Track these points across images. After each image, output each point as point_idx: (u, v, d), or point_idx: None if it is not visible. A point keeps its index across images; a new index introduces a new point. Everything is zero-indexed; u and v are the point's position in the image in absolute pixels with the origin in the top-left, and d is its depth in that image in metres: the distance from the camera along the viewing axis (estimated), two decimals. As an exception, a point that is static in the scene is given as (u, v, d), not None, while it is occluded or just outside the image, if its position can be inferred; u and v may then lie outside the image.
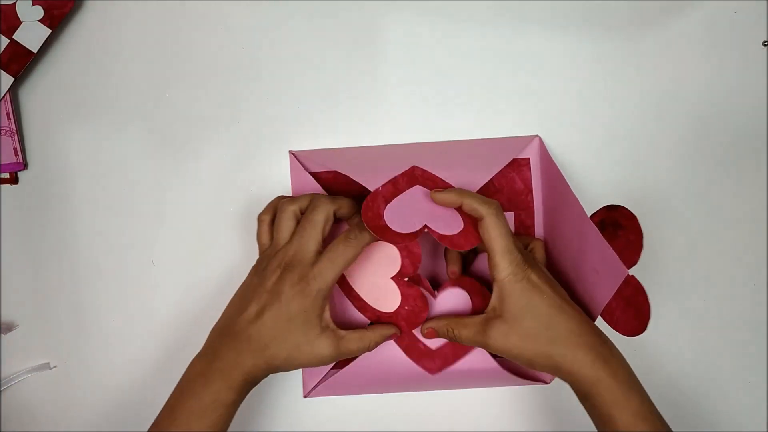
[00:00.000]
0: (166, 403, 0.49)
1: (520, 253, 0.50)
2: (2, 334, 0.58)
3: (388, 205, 0.51)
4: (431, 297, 0.55)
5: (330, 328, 0.50)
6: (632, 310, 0.50)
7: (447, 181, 0.53)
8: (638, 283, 0.49)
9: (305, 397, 0.58)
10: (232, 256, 0.58)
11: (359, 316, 0.54)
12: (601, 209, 0.53)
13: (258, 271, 0.52)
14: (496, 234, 0.49)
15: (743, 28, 0.57)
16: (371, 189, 0.51)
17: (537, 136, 0.58)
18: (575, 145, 0.58)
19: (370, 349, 0.52)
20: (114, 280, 0.59)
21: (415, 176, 0.53)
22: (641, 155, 0.58)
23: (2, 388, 0.58)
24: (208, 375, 0.48)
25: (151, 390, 0.59)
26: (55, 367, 0.59)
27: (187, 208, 0.58)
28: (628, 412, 0.47)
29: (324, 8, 0.58)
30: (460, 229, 0.51)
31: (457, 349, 0.55)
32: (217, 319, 0.52)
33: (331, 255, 0.49)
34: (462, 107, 0.58)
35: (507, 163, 0.56)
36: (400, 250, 0.53)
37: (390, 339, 0.54)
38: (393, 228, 0.50)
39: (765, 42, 0.57)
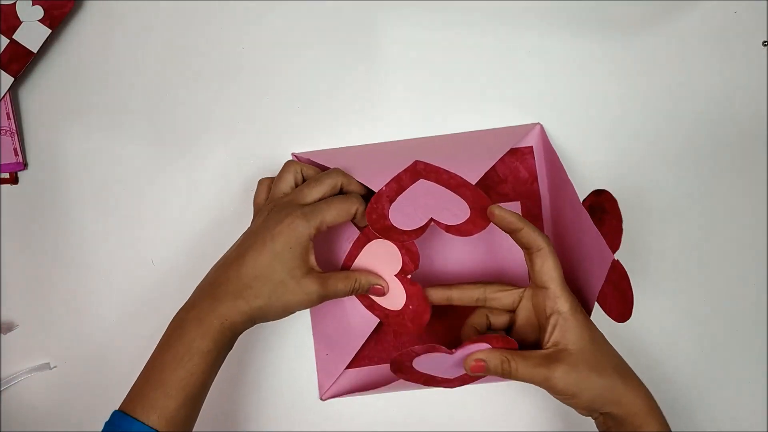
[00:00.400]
0: (144, 365, 0.47)
1: None
2: (2, 334, 0.58)
3: (393, 204, 0.51)
4: (447, 354, 0.49)
5: (315, 270, 0.49)
6: (619, 294, 0.50)
7: (451, 171, 0.52)
8: (622, 268, 0.49)
9: (322, 399, 0.58)
10: (232, 256, 0.58)
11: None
12: (590, 194, 0.52)
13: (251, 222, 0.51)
14: (554, 265, 0.48)
15: (743, 28, 0.57)
16: (374, 188, 0.51)
17: (538, 123, 0.58)
18: (575, 143, 0.58)
19: (356, 290, 0.51)
20: (114, 280, 0.59)
21: (418, 171, 0.52)
22: (640, 153, 0.58)
23: (2, 388, 0.58)
24: (182, 326, 0.46)
25: (151, 390, 0.59)
26: (55, 367, 0.59)
27: (187, 208, 0.58)
28: None
29: (323, 7, 0.58)
30: (467, 217, 0.51)
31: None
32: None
33: (322, 202, 0.49)
34: (463, 103, 0.58)
35: (508, 149, 0.56)
36: (398, 248, 0.52)
37: (377, 292, 0.52)
38: (398, 226, 0.50)
39: (765, 42, 0.57)
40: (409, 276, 0.53)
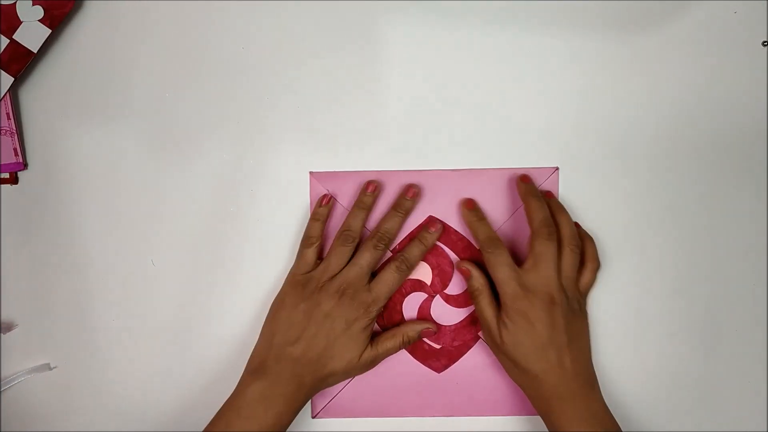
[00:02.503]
0: (220, 419, 0.52)
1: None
2: (2, 334, 0.58)
3: None
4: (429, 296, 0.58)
5: (371, 340, 0.55)
6: None
7: (460, 233, 0.56)
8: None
9: (313, 417, 0.58)
10: (232, 256, 0.58)
11: None
12: None
13: (306, 294, 0.54)
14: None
15: (743, 28, 0.57)
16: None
17: (556, 168, 0.58)
18: (573, 142, 0.58)
19: (407, 343, 0.55)
20: (114, 280, 0.59)
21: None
22: (639, 153, 0.58)
23: (2, 388, 0.58)
24: (271, 399, 0.51)
25: (151, 390, 0.59)
26: (55, 367, 0.59)
27: (187, 208, 0.58)
28: None
29: (327, 8, 0.58)
30: (464, 289, 0.56)
31: (460, 347, 0.57)
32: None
33: (386, 279, 0.54)
34: (469, 109, 0.58)
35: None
36: (432, 268, 0.56)
37: (428, 335, 0.56)
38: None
39: (765, 42, 0.58)
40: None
